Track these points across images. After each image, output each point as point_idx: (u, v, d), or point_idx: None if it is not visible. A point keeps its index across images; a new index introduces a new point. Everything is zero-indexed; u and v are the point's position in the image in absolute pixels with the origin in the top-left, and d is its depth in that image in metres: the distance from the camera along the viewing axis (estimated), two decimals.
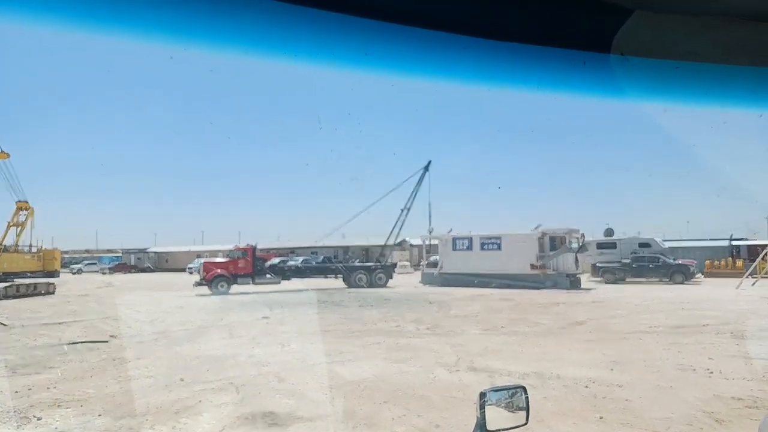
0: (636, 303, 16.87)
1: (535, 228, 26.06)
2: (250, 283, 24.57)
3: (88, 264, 58.17)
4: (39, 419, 5.57)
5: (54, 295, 23.67)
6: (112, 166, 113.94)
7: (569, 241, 25.23)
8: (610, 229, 32.37)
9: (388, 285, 27.11)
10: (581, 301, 18.27)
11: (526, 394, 1.82)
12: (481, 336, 10.71)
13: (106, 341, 10.58)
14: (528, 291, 22.51)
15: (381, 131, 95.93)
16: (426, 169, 29.85)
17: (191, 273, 37.97)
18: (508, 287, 23.89)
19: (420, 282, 28.94)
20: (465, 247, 27.51)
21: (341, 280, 27.74)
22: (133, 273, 54.86)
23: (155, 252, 65.17)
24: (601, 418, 5.35)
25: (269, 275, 25.55)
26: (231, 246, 28.35)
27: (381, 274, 27.51)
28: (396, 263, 33.69)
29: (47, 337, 11.30)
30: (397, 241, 32.53)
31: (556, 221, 30.63)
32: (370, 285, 26.61)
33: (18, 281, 23.75)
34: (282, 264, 29.26)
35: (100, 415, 5.67)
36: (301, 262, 32.78)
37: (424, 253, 31.99)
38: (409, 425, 5.24)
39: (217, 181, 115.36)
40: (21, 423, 5.49)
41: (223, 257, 27.31)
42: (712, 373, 7.17)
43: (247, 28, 1.10)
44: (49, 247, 28.49)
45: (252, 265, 24.88)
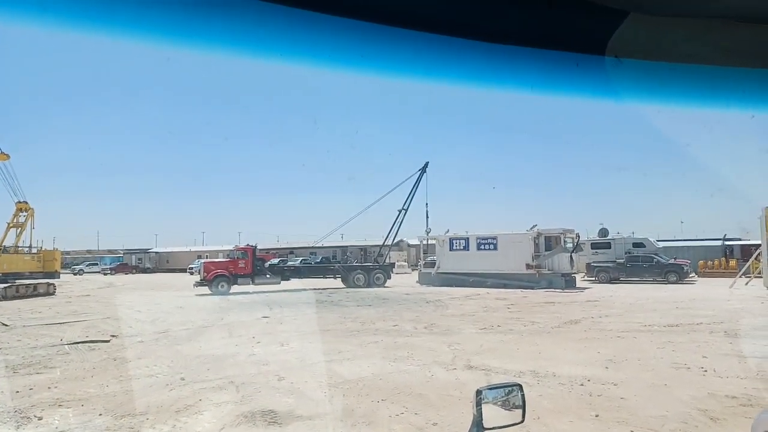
0: (630, 302, 16.95)
1: (531, 228, 26.13)
2: (249, 283, 24.59)
3: (90, 264, 58.06)
4: (40, 419, 5.59)
5: (54, 295, 23.61)
6: (113, 167, 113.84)
7: (564, 241, 25.31)
8: (605, 229, 32.46)
9: (386, 285, 27.16)
10: (576, 300, 18.33)
11: (522, 392, 1.83)
12: (478, 335, 10.77)
13: (107, 341, 10.61)
14: (524, 290, 22.58)
15: (377, 132, 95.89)
16: (423, 170, 29.91)
17: (192, 273, 37.93)
18: (504, 287, 23.96)
19: (417, 282, 28.98)
20: (461, 247, 27.59)
21: (340, 280, 27.79)
22: (134, 273, 54.74)
23: (156, 252, 65.08)
24: (596, 416, 5.40)
25: (269, 275, 25.57)
26: (231, 246, 28.38)
27: (379, 274, 27.56)
28: (394, 263, 33.71)
29: (48, 337, 11.32)
30: (395, 241, 32.55)
31: (552, 221, 30.79)
32: (368, 285, 26.67)
33: (18, 282, 23.60)
34: (281, 264, 29.30)
35: (100, 414, 5.70)
36: (300, 262, 32.82)
37: (422, 253, 32.06)
38: (406, 423, 5.29)
39: (217, 182, 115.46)
40: (22, 422, 5.50)
41: (223, 257, 27.34)
42: (706, 371, 7.22)
43: (245, 31, 1.11)
44: (49, 248, 28.35)
45: (252, 266, 24.90)
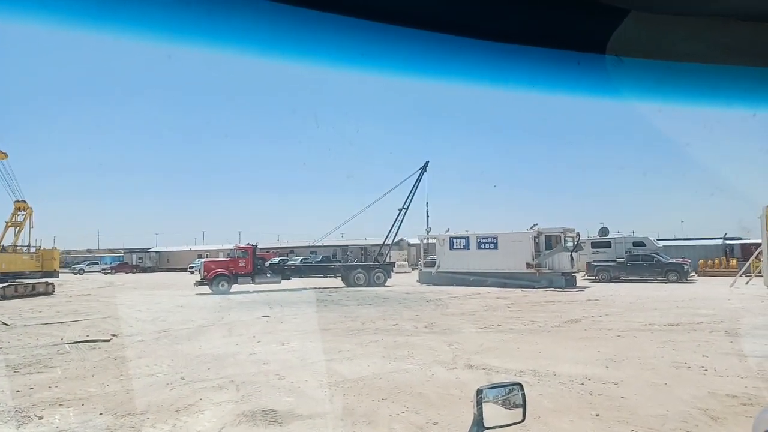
0: (630, 301, 16.95)
1: (531, 227, 26.12)
2: (250, 283, 24.62)
3: (90, 264, 58.15)
4: (40, 418, 5.60)
5: (53, 295, 23.63)
6: (114, 166, 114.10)
7: (564, 240, 25.31)
8: (605, 228, 32.45)
9: (387, 284, 27.17)
10: (576, 299, 18.33)
11: (523, 391, 1.83)
12: (478, 334, 10.77)
13: (108, 340, 10.62)
14: (524, 290, 22.59)
15: (378, 131, 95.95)
16: (424, 169, 29.89)
17: (192, 272, 37.98)
18: (505, 286, 23.98)
19: (417, 281, 28.99)
20: (462, 246, 27.58)
21: (340, 279, 27.81)
22: (134, 273, 54.82)
23: (157, 252, 65.18)
24: (596, 415, 5.40)
25: (269, 274, 25.61)
26: (231, 245, 28.41)
27: (379, 273, 27.58)
28: (394, 262, 33.71)
29: (49, 336, 11.34)
30: (395, 240, 32.54)
31: (552, 220, 30.77)
32: (368, 284, 26.68)
33: (16, 281, 23.63)
34: (282, 263, 29.33)
35: (101, 413, 5.70)
36: (301, 261, 32.83)
37: (422, 253, 32.03)
38: (407, 422, 5.30)
39: (217, 182, 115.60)
40: (22, 422, 5.51)
41: (223, 257, 27.37)
42: (706, 370, 7.23)
43: (245, 29, 1.10)
44: (48, 248, 28.34)
45: (252, 265, 24.93)
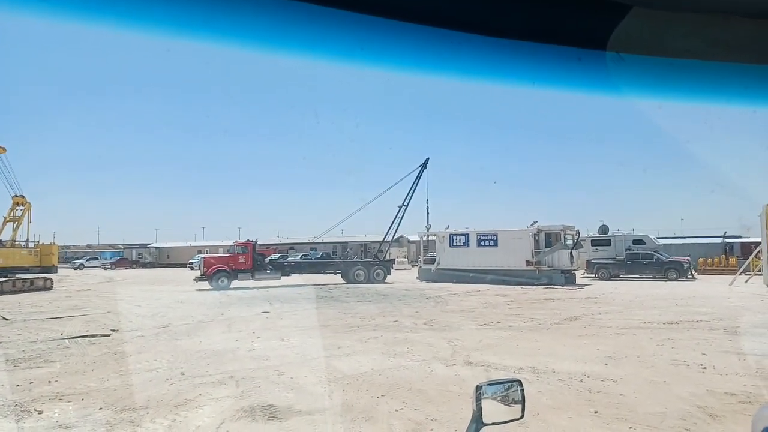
0: (630, 299, 16.97)
1: (531, 225, 26.13)
2: (250, 279, 24.66)
3: (90, 259, 58.25)
4: (40, 412, 5.61)
5: (51, 290, 23.67)
6: (114, 162, 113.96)
7: (564, 237, 25.32)
8: (605, 225, 32.46)
9: (386, 281, 27.21)
10: (576, 297, 18.35)
11: (522, 388, 1.83)
12: (477, 331, 10.79)
13: (108, 335, 10.65)
14: (523, 287, 22.63)
15: (377, 127, 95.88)
16: (424, 166, 29.90)
17: (192, 268, 38.04)
18: (504, 283, 24.00)
19: (417, 278, 29.04)
20: (461, 243, 27.59)
21: (340, 275, 27.84)
22: (134, 268, 54.92)
23: (156, 247, 65.26)
24: (595, 412, 5.41)
25: (269, 271, 25.65)
26: (231, 242, 28.47)
27: (379, 270, 27.61)
28: (394, 259, 33.73)
29: (49, 331, 11.36)
30: (395, 237, 32.55)
31: (552, 218, 30.77)
32: (368, 281, 26.72)
33: (15, 276, 23.62)
34: (281, 260, 29.36)
35: (101, 408, 5.72)
36: (301, 257, 32.89)
37: (422, 250, 32.07)
38: (406, 419, 5.30)
39: (217, 178, 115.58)
40: (22, 416, 5.52)
41: (223, 253, 27.41)
42: (705, 368, 7.23)
43: (244, 23, 1.10)
44: (46, 243, 28.26)
45: (252, 261, 24.96)
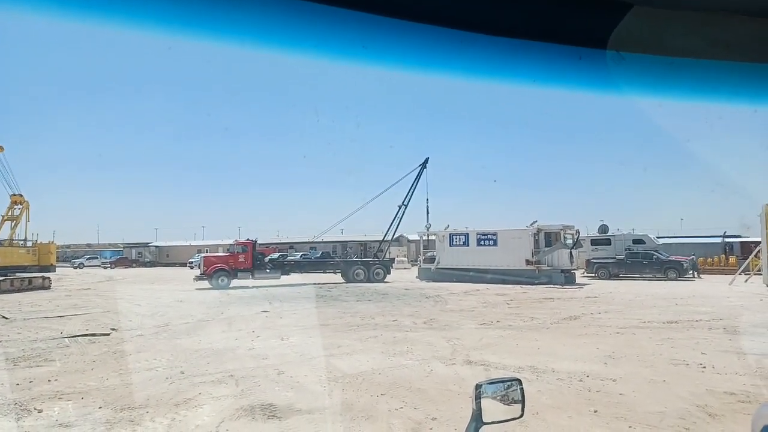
0: (630, 299, 16.98)
1: (531, 224, 26.14)
2: (249, 278, 24.66)
3: (90, 258, 58.24)
4: (40, 411, 5.61)
5: (50, 289, 23.64)
6: (113, 160, 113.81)
7: (564, 237, 25.33)
8: (605, 225, 32.49)
9: (386, 280, 27.22)
10: (575, 296, 18.35)
11: (522, 387, 1.83)
12: (477, 330, 10.79)
13: (107, 334, 10.65)
14: (523, 286, 22.64)
15: (378, 126, 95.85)
16: (424, 165, 29.91)
17: (192, 267, 38.04)
18: (504, 282, 23.99)
19: (417, 277, 29.03)
20: (461, 242, 27.59)
21: (339, 275, 27.84)
22: (134, 267, 54.90)
23: (156, 246, 65.29)
24: (595, 411, 5.41)
25: (269, 270, 25.65)
26: (231, 241, 28.46)
27: (379, 269, 27.61)
28: (393, 259, 33.73)
29: (48, 330, 11.36)
30: (395, 236, 32.56)
31: (552, 217, 30.78)
32: (368, 280, 26.72)
33: (12, 276, 23.58)
34: (281, 259, 29.35)
35: (100, 407, 5.72)
36: (300, 257, 32.88)
37: (422, 249, 32.04)
38: (405, 418, 5.30)
39: (217, 177, 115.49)
40: (22, 415, 5.52)
41: (223, 252, 27.41)
42: (704, 367, 7.24)
43: (245, 20, 1.09)
44: (45, 242, 28.21)
45: (252, 260, 24.96)
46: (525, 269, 24.94)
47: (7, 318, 13.50)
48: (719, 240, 37.67)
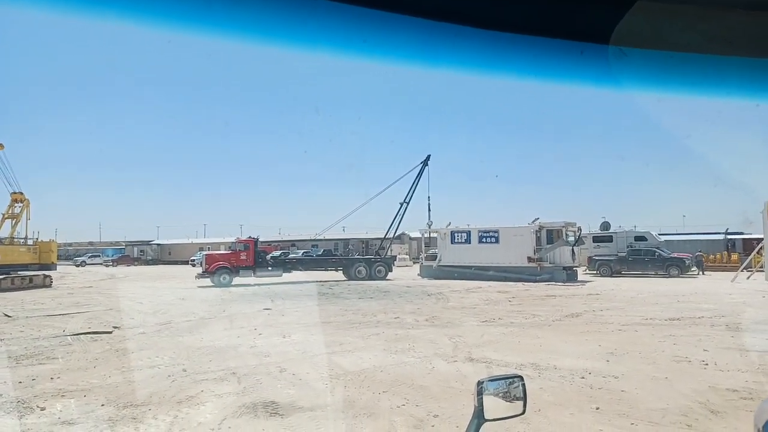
0: (631, 295, 16.96)
1: (533, 221, 26.12)
2: (251, 275, 24.67)
3: (92, 256, 58.39)
4: (42, 409, 5.63)
5: (51, 287, 23.67)
6: (115, 158, 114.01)
7: (566, 234, 25.31)
8: (607, 222, 32.48)
9: (388, 277, 27.24)
10: (577, 293, 18.35)
11: (524, 384, 1.82)
12: (479, 327, 10.79)
13: (110, 332, 10.67)
14: (525, 283, 22.64)
15: (379, 119, 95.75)
16: (425, 163, 29.87)
17: (194, 265, 38.08)
18: (506, 280, 24.00)
19: (419, 275, 29.05)
20: (463, 240, 27.60)
21: (341, 272, 27.85)
22: (136, 265, 55.01)
23: (158, 244, 65.45)
24: (597, 408, 5.41)
25: (270, 267, 25.65)
26: (233, 238, 28.49)
27: (380, 267, 27.63)
28: (395, 256, 33.73)
29: (51, 328, 11.39)
30: (397, 234, 32.55)
31: (554, 214, 30.79)
32: (369, 277, 26.73)
33: (13, 274, 23.59)
34: (283, 256, 29.39)
35: (103, 404, 5.73)
36: (302, 254, 32.91)
37: (423, 246, 32.09)
38: (407, 415, 5.31)
39: (219, 175, 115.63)
40: (24, 413, 5.52)
41: (225, 250, 27.42)
42: (707, 364, 7.23)
43: (245, 15, 1.09)
44: (46, 240, 28.20)
45: (254, 258, 24.98)
46: (527, 266, 24.93)
47: (9, 316, 13.53)
48: (721, 237, 37.59)
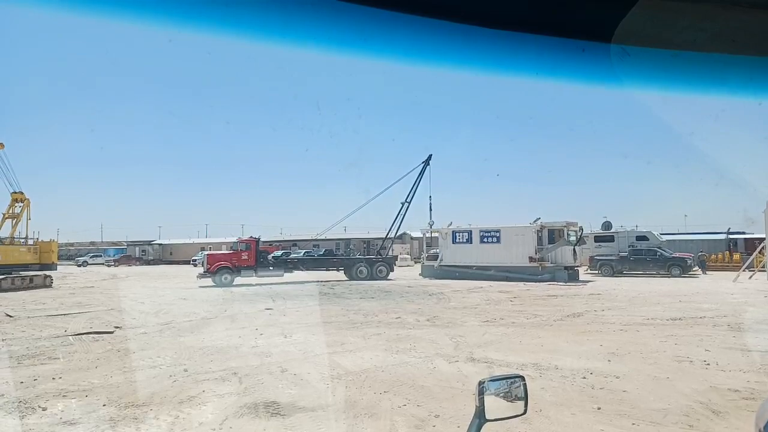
0: (633, 295, 16.94)
1: (534, 221, 26.12)
2: (253, 275, 24.67)
3: (93, 256, 58.46)
4: (44, 409, 5.63)
5: (51, 287, 23.69)
6: (117, 158, 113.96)
7: (567, 233, 25.29)
8: (608, 222, 32.47)
9: (389, 277, 27.25)
10: (579, 293, 18.33)
11: (525, 384, 1.81)
12: (480, 327, 10.78)
13: (111, 332, 10.68)
14: (527, 283, 22.63)
15: (381, 118, 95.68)
16: (427, 162, 29.87)
17: (196, 265, 38.13)
18: (507, 280, 24.01)
19: (420, 274, 29.07)
20: (464, 240, 27.60)
21: (342, 272, 27.86)
22: (137, 265, 55.08)
23: (159, 244, 65.51)
24: (598, 408, 5.40)
25: (272, 267, 25.66)
26: (234, 238, 28.52)
27: (382, 267, 27.63)
28: (396, 256, 33.72)
29: (52, 328, 11.40)
30: (398, 234, 32.53)
31: (555, 214, 30.76)
32: (371, 277, 26.74)
33: (13, 274, 23.62)
34: (284, 256, 29.38)
35: (104, 404, 5.73)
36: (303, 254, 32.88)
37: (425, 246, 32.04)
38: (409, 415, 5.30)
39: (220, 175, 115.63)
40: (26, 413, 5.53)
41: (226, 250, 27.45)
42: (708, 364, 7.22)
43: (246, 13, 1.10)
44: (47, 240, 28.17)
45: (255, 258, 24.99)
46: (528, 266, 24.94)
47: (11, 316, 13.55)
48: (723, 236, 37.51)
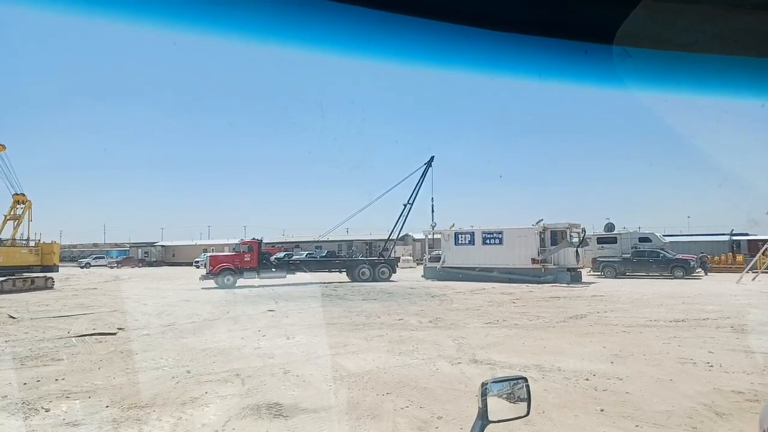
0: (636, 297, 16.90)
1: (537, 223, 26.09)
2: (255, 277, 24.71)
3: (96, 258, 58.57)
4: (47, 410, 5.64)
5: (52, 289, 23.73)
6: (119, 160, 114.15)
7: (570, 235, 25.25)
8: (611, 223, 32.40)
9: (391, 279, 27.24)
10: (582, 295, 18.28)
11: (528, 386, 1.82)
12: (483, 329, 10.77)
13: (114, 333, 10.70)
14: (529, 285, 22.60)
15: (383, 119, 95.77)
16: (429, 164, 29.85)
17: (198, 267, 38.20)
18: (510, 281, 23.98)
19: (422, 276, 29.05)
20: (467, 241, 27.58)
21: (345, 274, 27.87)
22: (140, 267, 55.18)
23: (162, 246, 65.63)
24: (601, 410, 5.39)
25: (274, 269, 25.68)
26: (237, 240, 28.58)
27: (384, 268, 27.63)
28: (399, 257, 33.70)
29: (55, 329, 11.43)
30: (400, 235, 32.52)
31: (558, 215, 30.72)
32: (373, 279, 26.74)
33: (15, 276, 23.66)
34: (287, 258, 29.43)
35: (107, 406, 5.74)
36: (306, 256, 32.96)
37: (427, 248, 32.03)
38: (411, 417, 5.30)
39: (222, 176, 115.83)
40: (29, 414, 5.54)
41: (229, 251, 27.49)
42: (712, 366, 7.20)
43: (251, 16, 1.10)
44: (48, 241, 28.18)
45: (257, 259, 25.02)
46: (531, 268, 24.90)
47: (14, 318, 13.59)
48: (726, 238, 37.40)
